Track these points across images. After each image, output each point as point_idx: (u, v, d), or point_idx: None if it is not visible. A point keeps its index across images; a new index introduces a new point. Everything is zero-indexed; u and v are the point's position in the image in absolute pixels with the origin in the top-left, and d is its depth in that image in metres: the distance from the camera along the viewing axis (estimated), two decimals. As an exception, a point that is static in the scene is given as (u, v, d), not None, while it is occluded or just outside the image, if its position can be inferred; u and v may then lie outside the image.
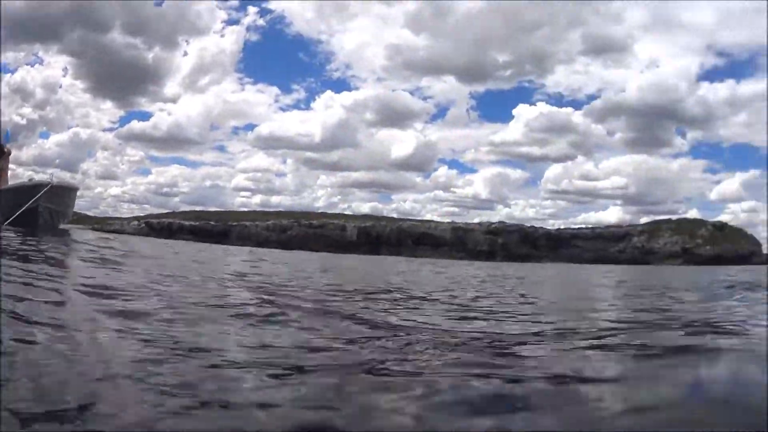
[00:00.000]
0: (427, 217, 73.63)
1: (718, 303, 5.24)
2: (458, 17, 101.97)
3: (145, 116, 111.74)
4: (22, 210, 15.38)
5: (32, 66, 75.41)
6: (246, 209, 75.04)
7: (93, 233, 24.04)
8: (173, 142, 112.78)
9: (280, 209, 67.89)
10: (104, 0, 69.29)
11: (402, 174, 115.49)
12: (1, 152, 18.42)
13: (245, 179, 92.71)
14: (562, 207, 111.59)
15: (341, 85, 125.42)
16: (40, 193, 15.80)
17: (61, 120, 78.02)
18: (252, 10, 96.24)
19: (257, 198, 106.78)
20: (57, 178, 17.58)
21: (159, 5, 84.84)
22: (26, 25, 73.74)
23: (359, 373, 1.82)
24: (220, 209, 71.32)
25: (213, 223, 51.09)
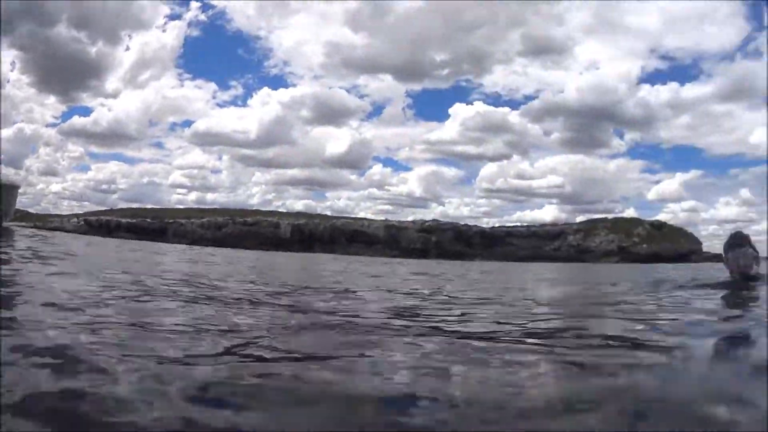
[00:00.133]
0: (362, 215, 73.64)
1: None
2: (397, 16, 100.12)
3: (87, 112, 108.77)
4: None
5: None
6: (182, 206, 73.63)
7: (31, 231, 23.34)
8: (113, 138, 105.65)
9: (216, 206, 69.26)
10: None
11: (337, 172, 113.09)
12: None
13: (182, 176, 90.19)
14: (497, 205, 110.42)
15: (278, 82, 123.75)
16: None
17: (8, 115, 76.81)
18: (194, 5, 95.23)
19: (193, 195, 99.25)
20: (4, 176, 17.31)
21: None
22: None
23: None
24: (157, 206, 70.37)
25: (150, 221, 52.84)
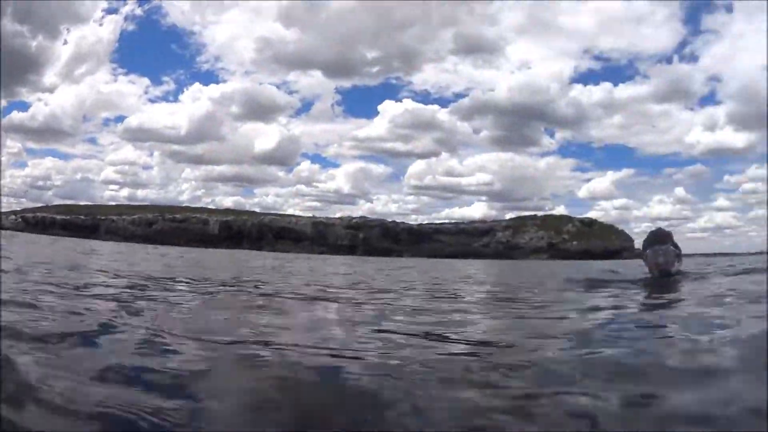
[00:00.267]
0: (290, 212, 75.88)
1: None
2: (330, 13, 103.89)
3: (25, 107, 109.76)
4: None
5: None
6: (114, 203, 76.48)
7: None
8: (48, 134, 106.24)
9: (147, 203, 71.86)
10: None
11: (265, 168, 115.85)
12: None
13: (114, 172, 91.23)
14: (426, 202, 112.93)
15: (210, 78, 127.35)
16: None
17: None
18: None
19: (125, 191, 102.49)
20: None
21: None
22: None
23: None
24: (90, 203, 72.96)
25: (83, 218, 55.29)
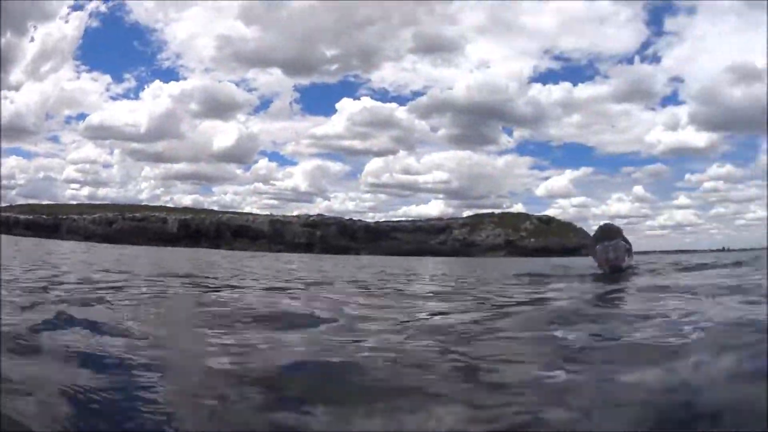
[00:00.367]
0: (247, 210, 75.58)
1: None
2: (291, 11, 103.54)
3: None
4: None
5: None
6: (75, 202, 75.72)
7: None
8: (13, 133, 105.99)
9: (107, 202, 71.83)
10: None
11: (223, 166, 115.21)
12: None
13: (75, 171, 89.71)
14: (383, 200, 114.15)
15: (170, 75, 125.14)
16: None
17: None
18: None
19: (86, 190, 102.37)
20: None
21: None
22: None
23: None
24: (52, 202, 72.39)
25: (45, 217, 57.06)
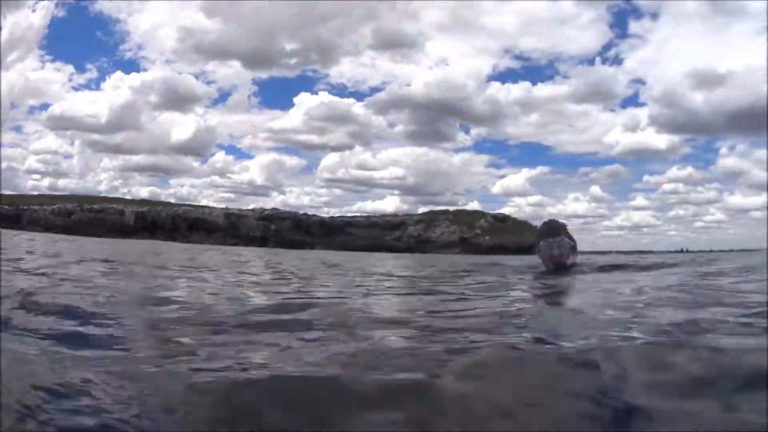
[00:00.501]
0: (204, 203, 77.22)
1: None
2: (253, 3, 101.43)
3: None
4: None
5: None
6: (36, 192, 77.64)
7: None
8: None
9: (67, 193, 73.54)
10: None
11: (181, 158, 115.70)
12: None
13: (36, 161, 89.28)
14: (338, 195, 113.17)
15: (132, 66, 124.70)
16: None
17: None
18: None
19: (46, 181, 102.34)
20: None
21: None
22: None
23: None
24: (14, 192, 74.88)
25: (7, 207, 59.39)
